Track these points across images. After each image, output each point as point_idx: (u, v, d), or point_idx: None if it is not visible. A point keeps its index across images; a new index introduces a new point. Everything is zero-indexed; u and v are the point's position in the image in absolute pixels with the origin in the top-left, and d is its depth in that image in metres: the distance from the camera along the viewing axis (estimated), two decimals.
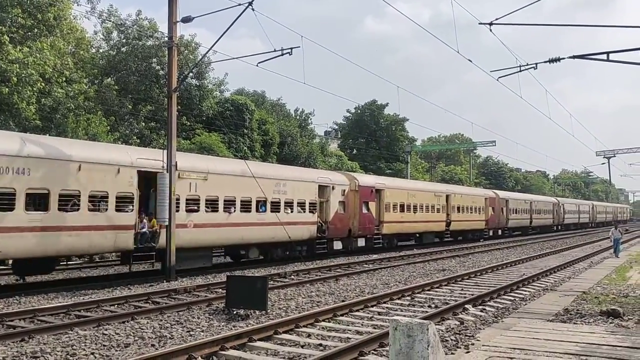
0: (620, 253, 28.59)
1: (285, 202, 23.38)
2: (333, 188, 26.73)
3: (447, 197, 38.19)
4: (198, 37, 33.86)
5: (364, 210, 28.91)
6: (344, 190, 27.64)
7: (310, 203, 24.96)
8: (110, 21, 35.06)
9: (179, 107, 29.55)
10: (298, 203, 24.24)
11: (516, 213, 51.57)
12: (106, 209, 16.57)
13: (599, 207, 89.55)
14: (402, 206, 32.51)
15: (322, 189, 26.14)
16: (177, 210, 18.41)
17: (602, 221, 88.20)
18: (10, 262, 17.64)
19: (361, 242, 28.90)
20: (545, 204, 61.09)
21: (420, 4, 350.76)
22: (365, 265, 23.17)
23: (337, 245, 27.04)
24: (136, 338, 10.13)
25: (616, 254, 27.81)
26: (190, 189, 19.22)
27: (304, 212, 24.57)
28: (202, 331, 10.79)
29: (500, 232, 48.26)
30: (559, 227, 66.15)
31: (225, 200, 20.45)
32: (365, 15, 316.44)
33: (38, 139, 16.83)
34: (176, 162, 18.34)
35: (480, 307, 13.56)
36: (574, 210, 73.05)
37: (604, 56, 15.40)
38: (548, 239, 48.37)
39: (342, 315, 12.26)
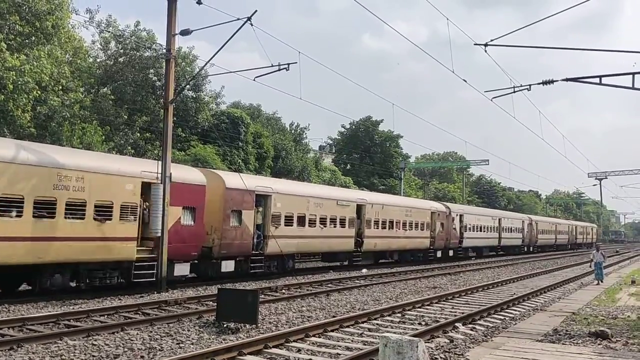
0: (607, 277, 26.05)
1: None
2: None
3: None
4: (197, 49, 34.31)
5: None
6: None
7: None
8: (109, 31, 35.24)
9: (175, 118, 29.64)
10: None
11: (322, 225, 25.70)
12: None
13: (542, 225, 61.35)
14: None
15: None
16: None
17: (548, 244, 62.40)
18: None
19: None
20: (418, 213, 34.42)
21: (418, 23, 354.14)
22: (356, 281, 23.17)
23: None
24: (125, 349, 10.11)
25: (599, 281, 24.26)
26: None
27: None
28: (192, 344, 10.77)
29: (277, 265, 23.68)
30: (455, 251, 40.20)
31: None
32: (363, 33, 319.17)
33: None
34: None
35: (471, 325, 13.62)
36: (488, 227, 45.21)
37: (597, 79, 15.68)
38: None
39: (332, 330, 12.27)
